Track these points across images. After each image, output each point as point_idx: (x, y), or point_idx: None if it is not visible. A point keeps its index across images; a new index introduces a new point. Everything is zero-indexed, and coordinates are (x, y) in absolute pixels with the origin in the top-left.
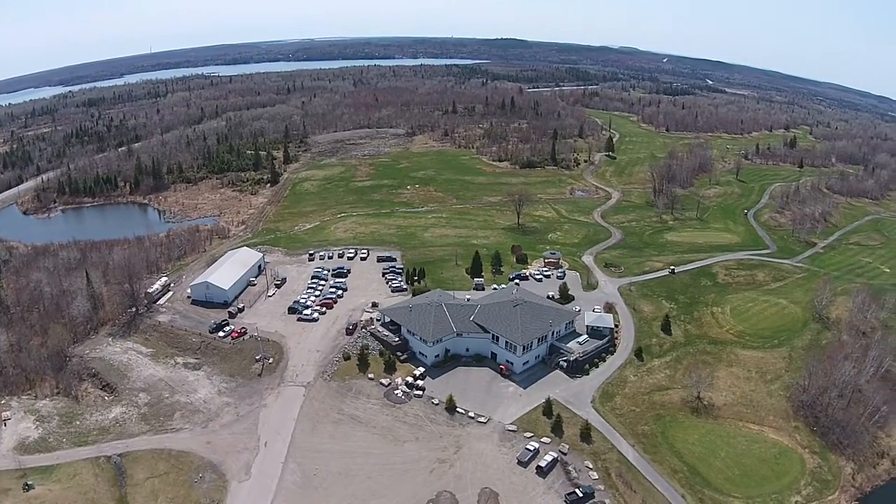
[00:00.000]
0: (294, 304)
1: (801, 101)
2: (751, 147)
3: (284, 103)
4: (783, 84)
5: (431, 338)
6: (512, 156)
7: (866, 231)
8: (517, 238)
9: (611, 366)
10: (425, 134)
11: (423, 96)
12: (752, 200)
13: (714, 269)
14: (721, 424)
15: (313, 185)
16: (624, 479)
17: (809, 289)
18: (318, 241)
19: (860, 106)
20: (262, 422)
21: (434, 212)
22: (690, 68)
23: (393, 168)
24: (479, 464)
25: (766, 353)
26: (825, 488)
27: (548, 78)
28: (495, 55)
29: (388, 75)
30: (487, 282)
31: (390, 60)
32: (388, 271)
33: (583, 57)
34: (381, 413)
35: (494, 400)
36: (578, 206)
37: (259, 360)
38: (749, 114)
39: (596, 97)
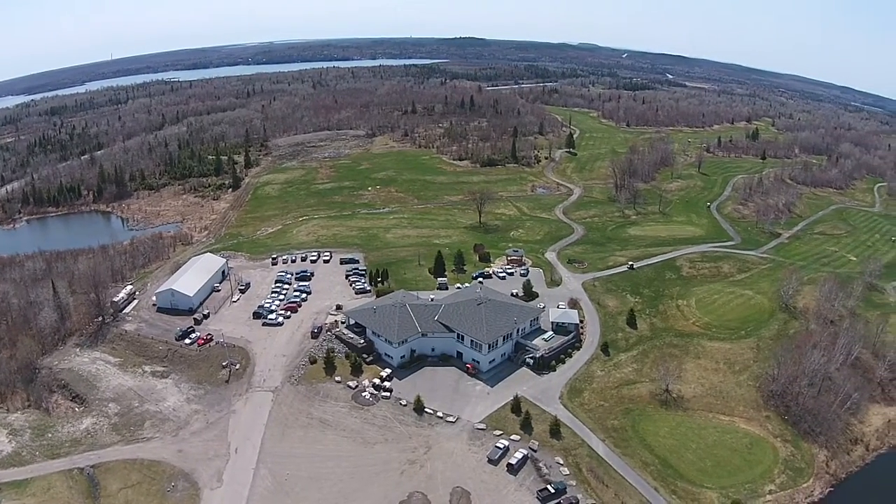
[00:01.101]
0: (259, 308)
1: (763, 94)
2: (712, 140)
3: (245, 107)
4: (744, 77)
5: (397, 339)
6: (472, 154)
7: (831, 220)
8: (479, 237)
9: (577, 361)
10: (385, 135)
11: (383, 97)
12: (714, 193)
13: (678, 263)
14: (691, 416)
15: (275, 188)
16: (595, 474)
17: (775, 279)
18: (280, 244)
19: (823, 97)
20: (232, 428)
21: (396, 212)
22: (650, 63)
23: (354, 170)
24: (449, 463)
25: (733, 344)
26: (799, 476)
27: (507, 76)
28: (454, 54)
29: (348, 77)
30: (451, 281)
31: (349, 62)
32: (352, 273)
33: (542, 54)
34: (349, 416)
35: (462, 399)
36: (540, 203)
37: (226, 367)
38: (710, 107)
39: (556, 94)
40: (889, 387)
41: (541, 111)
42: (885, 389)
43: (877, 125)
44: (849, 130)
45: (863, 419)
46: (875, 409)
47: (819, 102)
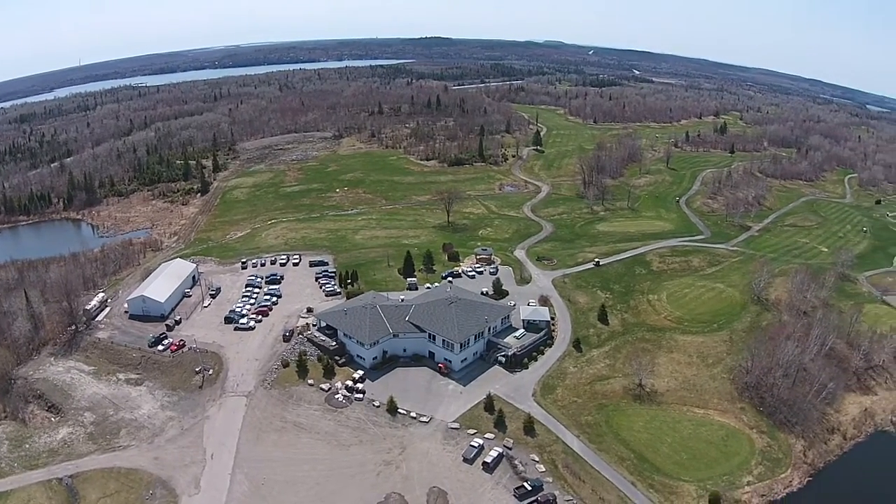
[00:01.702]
0: (230, 313)
1: (731, 88)
2: (680, 135)
3: (212, 111)
4: (711, 71)
5: (368, 340)
6: (439, 154)
7: (802, 212)
8: (448, 236)
9: (550, 358)
10: (352, 136)
11: (349, 98)
12: (683, 187)
13: (648, 257)
14: (665, 410)
15: (243, 192)
16: (571, 470)
17: (746, 272)
18: (250, 248)
19: (791, 90)
20: (207, 434)
21: (364, 213)
22: (617, 59)
23: (321, 172)
24: (424, 463)
25: (706, 337)
26: (777, 467)
27: (473, 75)
28: (420, 54)
29: (314, 79)
30: (420, 281)
31: (316, 64)
32: (321, 275)
33: (508, 52)
34: (323, 418)
35: (435, 399)
36: (508, 201)
37: (199, 372)
38: (677, 102)
39: (522, 92)
40: (864, 376)
41: (507, 109)
42: (861, 379)
43: (846, 117)
44: (818, 123)
45: (839, 408)
46: (851, 399)
47: (788, 95)
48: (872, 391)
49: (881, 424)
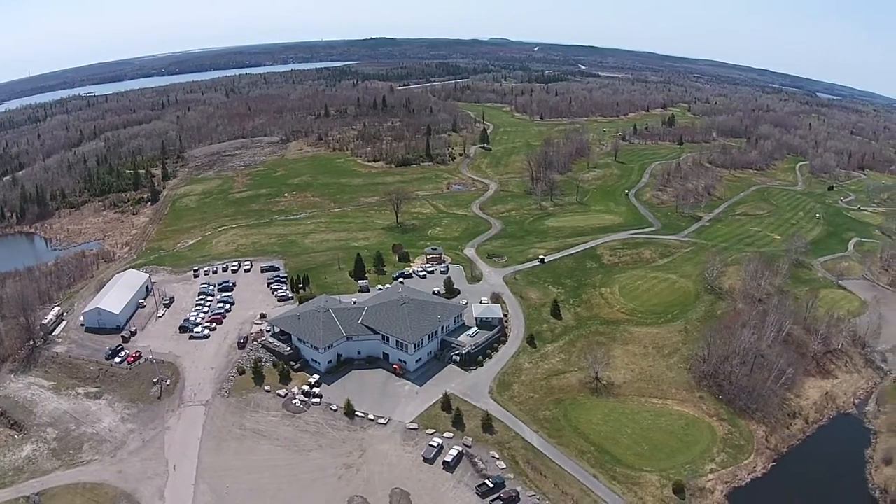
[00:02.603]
0: (184, 322)
1: (678, 80)
2: (628, 128)
3: (160, 119)
4: (658, 64)
5: (322, 344)
6: (387, 155)
7: (753, 201)
8: (397, 237)
9: (504, 355)
10: (300, 140)
11: (296, 102)
12: (632, 180)
13: (599, 251)
14: (623, 402)
15: (192, 200)
16: (532, 466)
17: (699, 262)
18: (201, 256)
19: (739, 80)
20: (168, 445)
21: (313, 217)
22: (562, 55)
23: (269, 176)
24: (385, 465)
25: (660, 328)
26: (739, 453)
27: (419, 74)
28: (365, 55)
29: (260, 83)
30: (372, 283)
31: (262, 68)
32: (273, 281)
33: (453, 51)
34: (281, 424)
35: (392, 400)
36: (456, 199)
37: (157, 383)
38: (624, 96)
39: (468, 90)
40: (823, 360)
41: (453, 108)
42: (820, 363)
43: (796, 105)
44: (767, 112)
45: (799, 393)
46: (811, 383)
47: (736, 86)
48: (832, 375)
49: (843, 407)
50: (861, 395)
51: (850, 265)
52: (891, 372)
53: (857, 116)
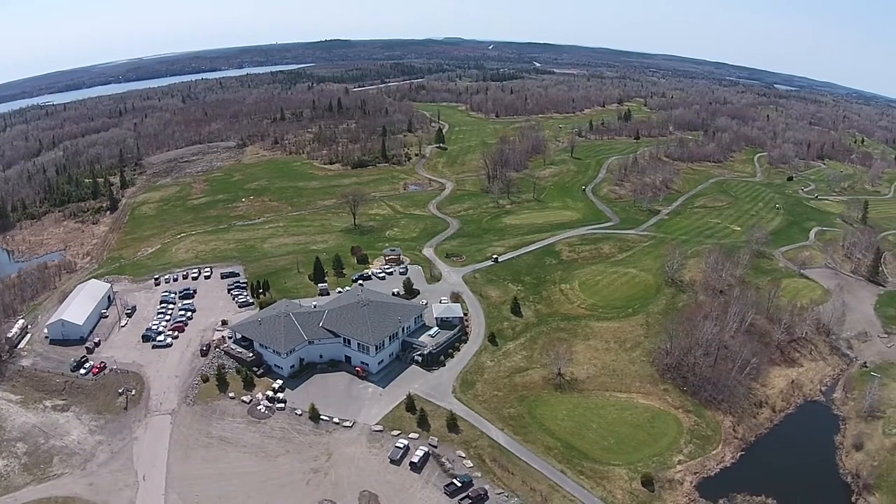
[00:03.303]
0: (147, 331)
1: (634, 75)
2: (584, 124)
3: (118, 126)
4: (614, 59)
5: (284, 349)
6: (343, 157)
7: (712, 193)
8: (355, 239)
9: (466, 354)
10: (256, 144)
11: (251, 106)
12: (589, 176)
13: (557, 247)
14: (587, 397)
15: (151, 207)
16: (499, 464)
17: (658, 255)
18: (161, 264)
19: (696, 74)
20: (137, 455)
21: (271, 222)
22: (517, 53)
23: (227, 182)
24: (352, 468)
25: (621, 322)
26: (707, 444)
27: (373, 75)
28: (320, 57)
29: (216, 88)
30: (331, 285)
31: (217, 73)
32: (233, 287)
33: (408, 51)
34: (247, 431)
35: (356, 403)
36: (413, 200)
37: (122, 394)
38: (580, 92)
39: (423, 90)
40: (788, 349)
41: (409, 108)
42: (785, 352)
43: (754, 97)
44: (725, 104)
45: (765, 382)
46: (777, 372)
47: (693, 80)
48: (798, 363)
49: (810, 395)
50: (828, 383)
51: (812, 254)
52: (857, 359)
53: (815, 107)
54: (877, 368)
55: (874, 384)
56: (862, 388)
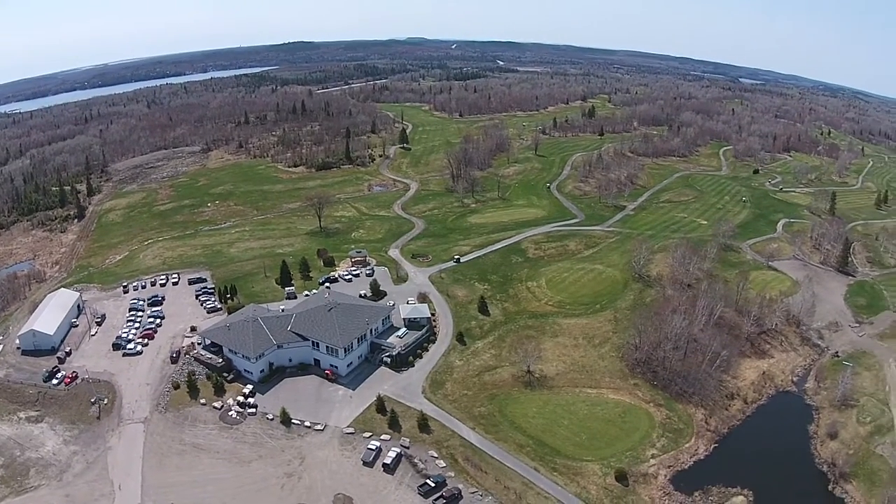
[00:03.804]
0: (117, 339)
1: (598, 72)
2: (548, 122)
3: (84, 133)
4: (577, 56)
5: (253, 354)
6: (307, 160)
7: (677, 188)
8: (321, 241)
9: (434, 354)
10: (220, 148)
11: (216, 110)
12: (553, 173)
13: (523, 245)
14: (557, 394)
15: (118, 214)
16: (472, 463)
17: (625, 251)
18: (129, 271)
19: (660, 69)
20: (111, 465)
21: (237, 226)
22: (480, 51)
23: (192, 187)
24: (326, 471)
25: (589, 318)
26: (680, 437)
27: (337, 77)
28: (284, 60)
29: (181, 93)
30: (298, 289)
31: (182, 77)
32: (201, 293)
33: (371, 52)
34: (220, 437)
35: (327, 406)
36: (378, 201)
37: (95, 403)
38: (544, 89)
39: (386, 91)
40: (758, 341)
41: (372, 109)
42: (755, 343)
43: (718, 91)
44: (689, 99)
45: (736, 374)
46: (747, 364)
47: (657, 75)
48: (768, 354)
49: (782, 385)
50: (799, 373)
51: (780, 246)
52: (828, 348)
53: (781, 100)
54: (848, 358)
55: (846, 373)
56: (834, 378)
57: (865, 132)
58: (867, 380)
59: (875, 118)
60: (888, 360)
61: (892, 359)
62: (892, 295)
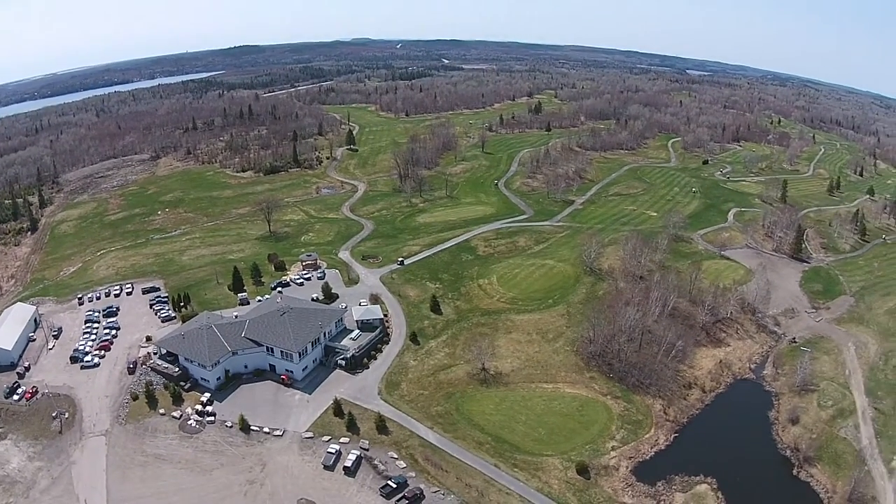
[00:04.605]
0: (74, 352)
1: (544, 67)
2: (494, 119)
3: (34, 144)
4: (522, 53)
5: (209, 361)
6: (255, 164)
7: (626, 181)
8: (272, 246)
9: (389, 355)
10: (169, 155)
11: (164, 117)
12: (500, 170)
13: (473, 243)
14: (514, 390)
15: (70, 225)
16: (432, 462)
17: (575, 245)
18: (84, 283)
19: (607, 63)
20: (76, 479)
21: (187, 233)
22: (425, 50)
23: (142, 195)
24: (287, 477)
25: (542, 314)
26: (639, 428)
27: (283, 80)
28: (230, 64)
29: (129, 100)
30: (251, 294)
31: (130, 85)
32: (155, 302)
33: (316, 54)
34: (181, 447)
35: (284, 411)
36: (326, 203)
37: (56, 417)
38: (489, 87)
39: (332, 92)
40: (713, 329)
41: (319, 112)
42: (710, 333)
43: (666, 84)
44: (636, 92)
45: (693, 364)
46: (704, 353)
47: (603, 69)
48: (725, 343)
49: (740, 373)
50: (757, 360)
51: (732, 235)
52: (785, 335)
53: (729, 90)
54: (806, 343)
55: (805, 359)
56: (792, 364)
57: (816, 120)
58: (826, 364)
59: (826, 106)
60: (847, 343)
61: (850, 342)
62: (848, 280)
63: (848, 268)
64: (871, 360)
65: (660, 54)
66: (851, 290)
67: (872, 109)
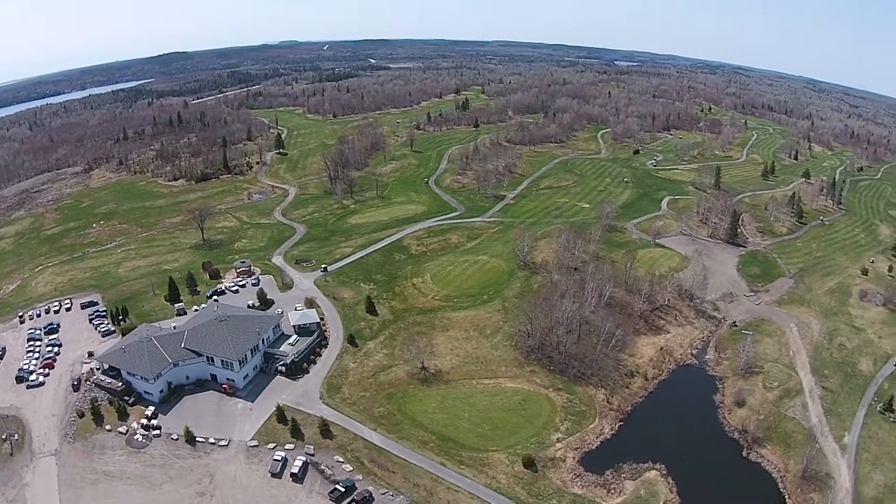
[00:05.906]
0: (19, 371)
1: (470, 64)
2: (422, 117)
3: None
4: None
5: (150, 374)
6: (186, 172)
7: (557, 174)
8: (206, 254)
9: (328, 359)
10: (102, 167)
11: (95, 128)
12: (430, 168)
13: (405, 242)
14: (455, 388)
15: (8, 242)
16: (378, 464)
17: (507, 240)
18: (24, 300)
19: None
20: (30, 502)
21: (122, 245)
22: (352, 51)
23: (77, 209)
24: (236, 487)
25: (478, 310)
26: (583, 418)
27: (211, 86)
28: (159, 72)
29: (61, 112)
30: (187, 304)
31: (61, 96)
32: (94, 316)
33: (244, 58)
34: (129, 462)
35: (228, 420)
36: (258, 209)
37: (6, 439)
38: (416, 85)
39: (260, 97)
40: (652, 317)
41: (247, 116)
42: (649, 321)
43: (594, 76)
44: (564, 85)
45: (633, 352)
46: (644, 341)
47: (530, 63)
48: (664, 330)
49: (682, 359)
50: (698, 346)
51: (666, 223)
52: (725, 319)
53: (659, 80)
54: (747, 326)
55: (747, 341)
56: (735, 347)
57: (748, 106)
58: (770, 346)
59: (757, 91)
60: (789, 325)
61: (793, 324)
62: (786, 262)
63: (786, 250)
64: (815, 339)
65: (588, 46)
66: (790, 272)
67: (805, 93)
